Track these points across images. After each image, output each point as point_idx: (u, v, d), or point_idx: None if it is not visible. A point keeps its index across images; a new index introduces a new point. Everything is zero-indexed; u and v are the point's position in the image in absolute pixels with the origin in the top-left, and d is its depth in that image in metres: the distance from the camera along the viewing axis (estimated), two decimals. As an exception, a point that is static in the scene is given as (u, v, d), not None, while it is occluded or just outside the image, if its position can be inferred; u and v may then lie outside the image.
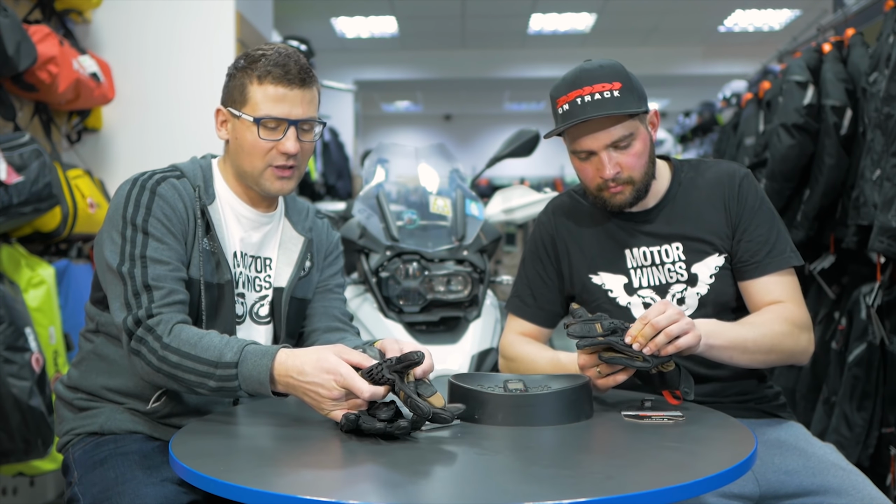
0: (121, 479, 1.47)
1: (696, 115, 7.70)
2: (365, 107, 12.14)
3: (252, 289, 1.73)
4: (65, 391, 1.71)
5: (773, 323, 1.67)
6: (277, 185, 1.67)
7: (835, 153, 3.16)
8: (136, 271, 1.53)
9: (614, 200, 1.75)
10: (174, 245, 1.58)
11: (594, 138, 1.69)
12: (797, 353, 1.70)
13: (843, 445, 2.83)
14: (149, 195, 1.59)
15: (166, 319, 1.51)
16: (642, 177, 1.74)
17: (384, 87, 11.51)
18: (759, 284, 1.74)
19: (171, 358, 1.47)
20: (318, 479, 1.22)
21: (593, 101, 1.66)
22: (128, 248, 1.55)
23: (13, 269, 2.72)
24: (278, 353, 1.43)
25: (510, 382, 1.53)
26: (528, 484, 1.14)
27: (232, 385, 1.45)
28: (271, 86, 1.61)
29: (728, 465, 1.18)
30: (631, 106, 1.68)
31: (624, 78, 1.69)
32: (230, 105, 1.66)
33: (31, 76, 2.85)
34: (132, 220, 1.57)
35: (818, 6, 6.62)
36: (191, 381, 1.47)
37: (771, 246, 1.74)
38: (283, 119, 1.62)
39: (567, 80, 1.72)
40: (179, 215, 1.61)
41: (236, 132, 1.66)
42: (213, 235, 1.65)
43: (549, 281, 1.89)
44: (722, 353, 1.60)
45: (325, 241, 1.87)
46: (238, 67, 1.65)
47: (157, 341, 1.49)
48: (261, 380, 1.43)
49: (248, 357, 1.44)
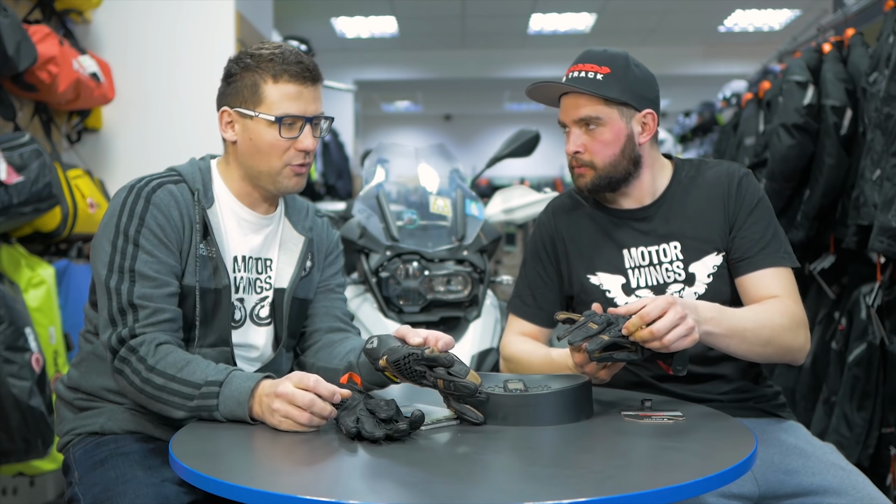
0: (121, 479, 1.47)
1: (696, 115, 7.70)
2: (365, 107, 12.15)
3: (252, 291, 1.72)
4: (65, 391, 1.71)
5: (774, 315, 1.66)
6: (294, 182, 1.67)
7: (835, 153, 3.16)
8: (122, 287, 1.53)
9: (578, 182, 1.80)
10: (165, 258, 1.57)
11: (565, 111, 1.79)
12: (794, 349, 1.69)
13: (843, 445, 2.83)
14: (143, 204, 1.58)
15: (149, 340, 1.51)
16: (605, 166, 1.76)
17: (384, 87, 11.51)
18: (753, 279, 1.73)
19: (155, 380, 1.48)
20: (318, 479, 1.22)
21: (577, 78, 1.75)
22: (117, 258, 1.55)
23: (13, 269, 2.72)
24: (263, 380, 1.44)
25: (510, 382, 1.53)
26: (528, 484, 1.14)
27: (210, 403, 1.45)
28: (289, 84, 1.61)
29: (728, 465, 1.18)
30: (609, 92, 1.72)
31: (618, 67, 1.74)
32: (240, 105, 1.64)
33: (31, 76, 2.85)
34: (125, 231, 1.56)
35: (818, 6, 6.62)
36: (173, 401, 1.47)
37: (765, 243, 1.74)
38: (301, 116, 1.62)
39: (575, 58, 1.80)
40: (174, 224, 1.59)
41: (249, 133, 1.64)
42: (211, 240, 1.64)
43: (549, 281, 1.89)
44: (719, 340, 1.59)
45: (325, 241, 1.87)
46: (243, 67, 1.63)
47: (140, 363, 1.49)
48: (241, 400, 1.43)
49: (232, 379, 1.45)
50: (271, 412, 1.40)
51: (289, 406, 1.38)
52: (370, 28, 8.86)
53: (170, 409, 1.48)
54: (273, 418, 1.40)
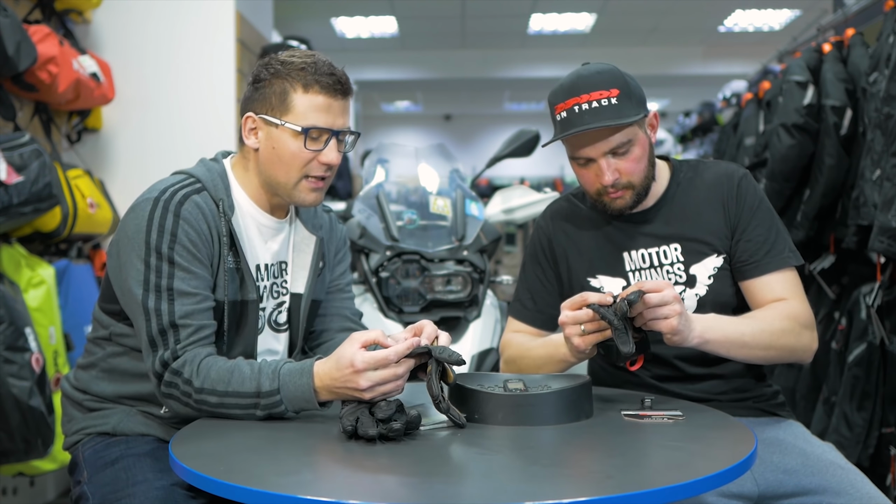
0: (132, 481, 1.47)
1: (696, 115, 7.70)
2: (365, 107, 12.16)
3: (271, 297, 1.70)
4: (73, 392, 1.70)
5: (774, 319, 1.66)
6: (311, 197, 1.63)
7: (835, 153, 3.16)
8: (162, 306, 1.49)
9: (615, 205, 1.75)
10: (201, 272, 1.54)
11: (593, 147, 1.69)
12: (798, 350, 1.69)
13: (843, 445, 2.83)
14: (173, 219, 1.52)
15: (191, 358, 1.48)
16: (642, 180, 1.74)
17: (384, 87, 11.52)
18: (760, 283, 1.73)
19: (209, 400, 1.46)
20: (318, 479, 1.22)
21: (591, 110, 1.66)
22: (153, 277, 1.50)
23: (13, 269, 2.72)
24: (315, 367, 1.43)
25: (510, 382, 1.53)
26: (528, 484, 1.14)
27: (279, 410, 1.44)
28: (319, 95, 1.57)
29: (728, 465, 1.18)
30: (629, 112, 1.67)
31: (621, 83, 1.68)
32: (266, 112, 1.59)
33: (31, 76, 2.85)
34: (157, 248, 1.50)
35: (818, 6, 6.62)
36: (236, 414, 1.46)
37: (770, 245, 1.74)
38: (328, 129, 1.59)
39: (564, 86, 1.71)
40: (205, 238, 1.55)
41: (272, 141, 1.60)
42: (237, 251, 1.61)
43: (549, 285, 1.89)
44: (718, 347, 1.60)
45: (334, 238, 1.85)
46: (274, 73, 1.59)
47: (187, 385, 1.47)
48: (307, 398, 1.43)
49: (286, 380, 1.44)
50: (358, 391, 1.37)
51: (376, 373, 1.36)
52: (370, 28, 8.87)
53: (235, 418, 1.47)
54: (365, 395, 1.37)
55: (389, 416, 1.32)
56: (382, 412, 1.33)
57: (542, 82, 9.57)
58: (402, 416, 1.34)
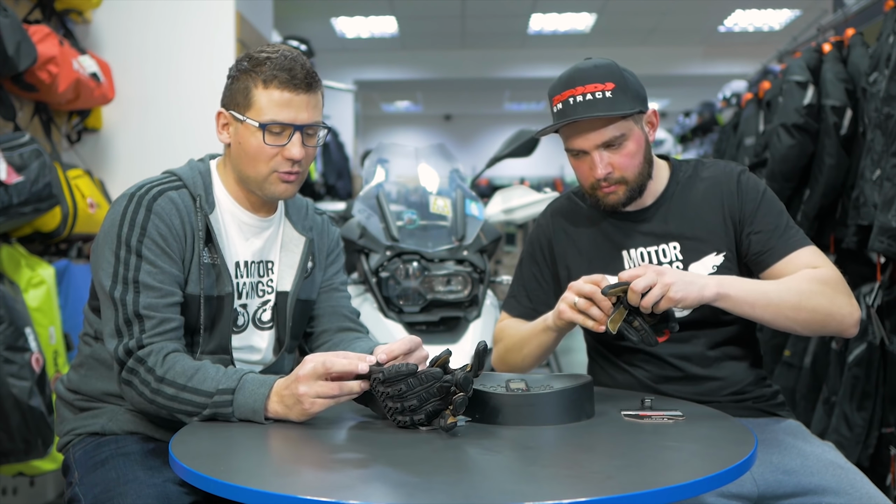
0: (122, 480, 1.47)
1: (696, 115, 7.70)
2: (365, 107, 12.16)
3: (255, 294, 1.72)
4: (65, 392, 1.71)
5: (802, 281, 1.63)
6: (281, 189, 1.64)
7: (835, 153, 3.16)
8: (127, 297, 1.52)
9: (607, 200, 1.76)
10: (168, 267, 1.56)
11: (585, 138, 1.71)
12: (836, 314, 1.63)
13: (843, 445, 2.83)
14: (144, 213, 1.56)
15: (157, 349, 1.50)
16: (636, 177, 1.75)
17: (384, 87, 11.52)
18: (782, 266, 1.70)
19: (166, 391, 1.47)
20: (318, 479, 1.22)
21: (585, 102, 1.68)
22: (121, 269, 1.53)
23: (13, 269, 2.72)
24: (276, 382, 1.44)
25: (512, 382, 1.53)
26: (528, 484, 1.14)
27: (226, 411, 1.45)
28: (277, 90, 1.58)
29: (728, 465, 1.18)
30: (624, 107, 1.69)
31: (618, 78, 1.70)
32: (233, 108, 1.62)
33: (31, 76, 2.85)
34: (126, 241, 1.54)
35: (818, 6, 6.62)
36: (186, 411, 1.47)
37: (783, 230, 1.73)
38: (289, 124, 1.59)
39: (562, 79, 1.73)
40: (176, 233, 1.58)
41: (239, 136, 1.62)
42: (213, 247, 1.62)
43: (545, 283, 1.89)
44: (742, 304, 1.58)
45: (326, 239, 1.86)
46: (241, 69, 1.61)
47: (149, 374, 1.48)
48: (255, 408, 1.43)
49: (245, 386, 1.45)
50: (298, 401, 1.39)
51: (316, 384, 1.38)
52: (370, 28, 8.87)
53: (182, 417, 1.48)
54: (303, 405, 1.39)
55: (438, 409, 1.37)
56: (433, 404, 1.37)
57: (542, 82, 9.54)
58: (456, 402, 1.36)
